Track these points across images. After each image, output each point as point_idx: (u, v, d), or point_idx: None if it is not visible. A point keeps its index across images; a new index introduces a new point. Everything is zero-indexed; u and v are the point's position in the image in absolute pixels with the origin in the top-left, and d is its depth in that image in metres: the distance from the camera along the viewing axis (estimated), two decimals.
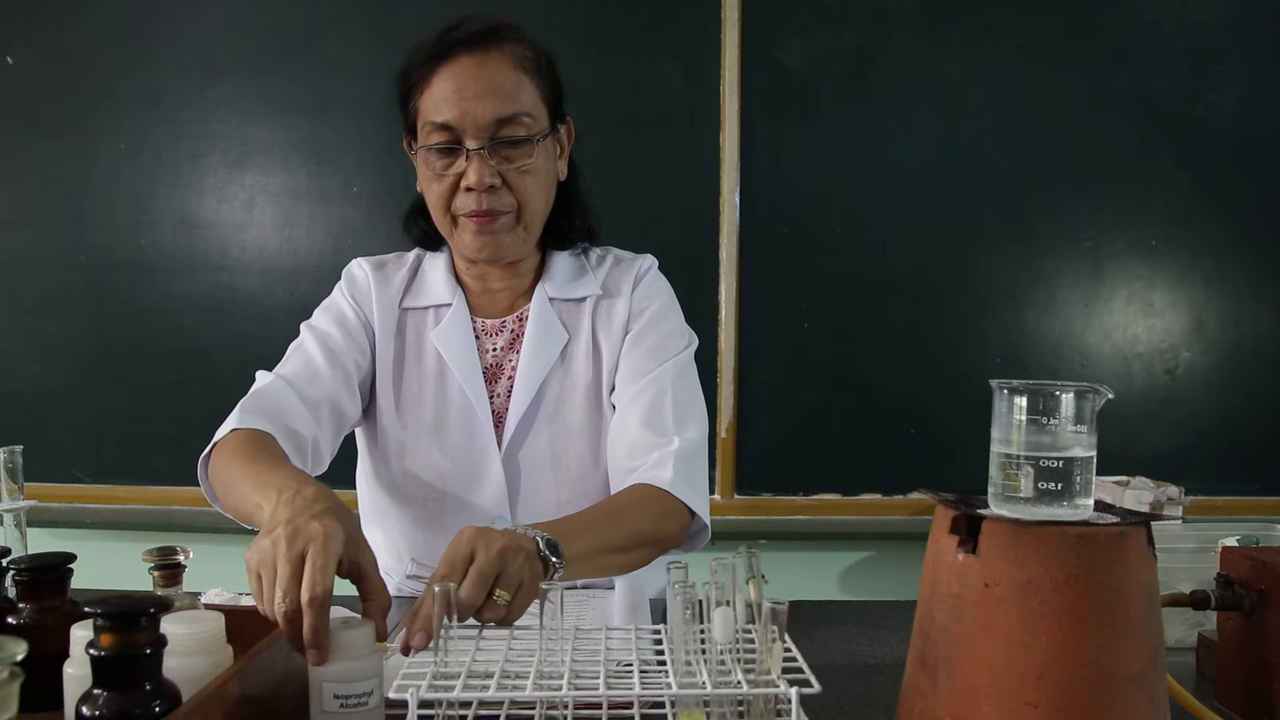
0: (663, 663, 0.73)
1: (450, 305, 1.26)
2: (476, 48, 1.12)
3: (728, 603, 0.71)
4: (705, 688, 0.67)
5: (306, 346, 1.23)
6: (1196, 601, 0.88)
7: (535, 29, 1.20)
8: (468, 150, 1.13)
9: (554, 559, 0.89)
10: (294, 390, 1.16)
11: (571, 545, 0.93)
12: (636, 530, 1.06)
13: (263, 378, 1.19)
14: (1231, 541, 1.04)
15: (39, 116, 2.13)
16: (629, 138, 2.09)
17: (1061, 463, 0.68)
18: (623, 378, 1.24)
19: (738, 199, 2.09)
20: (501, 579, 0.82)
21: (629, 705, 0.72)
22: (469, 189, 1.14)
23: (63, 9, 2.11)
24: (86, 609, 0.62)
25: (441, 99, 1.12)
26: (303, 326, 1.27)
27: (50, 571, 0.78)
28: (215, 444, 1.09)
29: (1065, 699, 0.65)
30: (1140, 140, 2.09)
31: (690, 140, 2.09)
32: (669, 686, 0.68)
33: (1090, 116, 2.09)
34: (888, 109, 2.10)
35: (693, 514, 1.13)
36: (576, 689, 0.68)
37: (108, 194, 2.13)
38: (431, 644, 0.72)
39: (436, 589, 0.72)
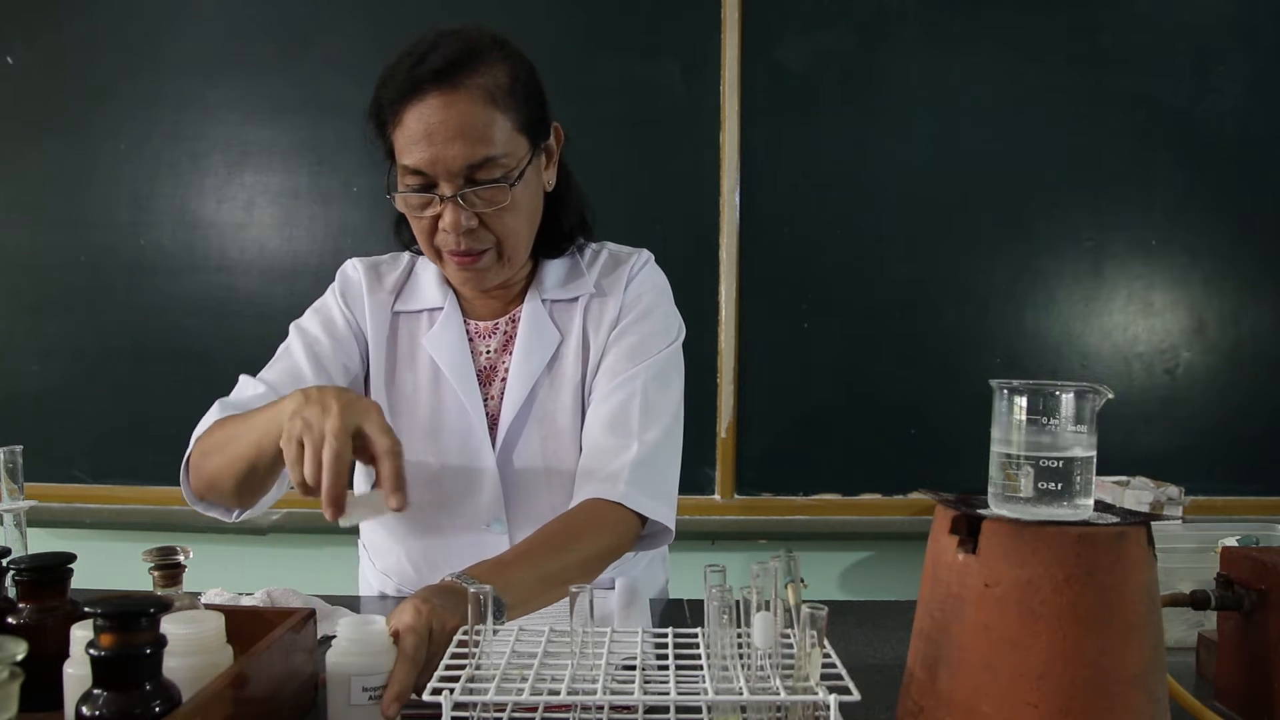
0: (682, 666, 0.73)
1: (442, 309, 1.26)
2: (444, 84, 1.07)
3: (766, 604, 0.71)
4: (742, 693, 0.67)
5: (292, 350, 1.22)
6: (1196, 601, 0.88)
7: (535, 29, 1.19)
8: (441, 196, 1.10)
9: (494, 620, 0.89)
10: (273, 392, 1.15)
11: (512, 593, 0.93)
12: (584, 557, 1.06)
13: (244, 383, 1.18)
14: (1231, 541, 1.04)
15: (39, 116, 2.13)
16: (629, 138, 2.09)
17: (1061, 463, 0.68)
18: (599, 377, 1.22)
19: (738, 199, 2.09)
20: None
21: (665, 710, 0.72)
22: (446, 231, 1.12)
23: (63, 9, 2.11)
24: (86, 609, 0.62)
25: (412, 141, 1.08)
26: (292, 327, 1.26)
27: (50, 571, 0.78)
28: (200, 435, 1.08)
29: (1065, 699, 0.65)
30: (1140, 140, 2.09)
31: (690, 140, 2.09)
32: (705, 691, 0.67)
33: (1090, 116, 2.09)
34: (888, 109, 2.10)
35: (636, 529, 1.13)
36: (612, 692, 0.68)
37: (108, 194, 2.13)
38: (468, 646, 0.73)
39: (471, 589, 0.73)
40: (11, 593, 0.79)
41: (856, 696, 0.65)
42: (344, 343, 1.23)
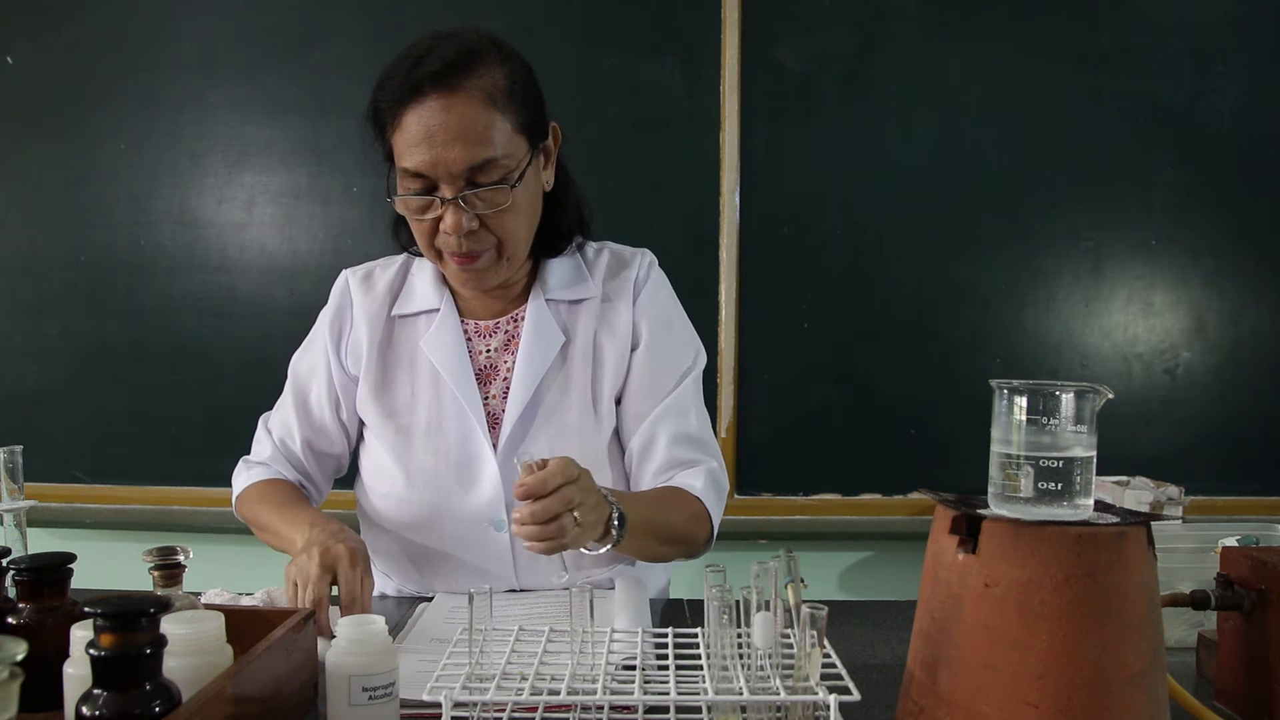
0: (682, 666, 0.73)
1: (438, 311, 1.26)
2: (443, 87, 1.07)
3: (766, 604, 0.71)
4: (742, 693, 0.67)
5: (285, 403, 1.32)
6: (1196, 601, 0.88)
7: (535, 29, 1.19)
8: (442, 199, 1.10)
9: (615, 532, 1.01)
10: (278, 450, 1.30)
11: (632, 519, 1.03)
12: (676, 525, 1.16)
13: (259, 440, 1.33)
14: (1231, 541, 1.04)
15: (39, 116, 2.13)
16: (629, 138, 2.09)
17: (1061, 463, 0.68)
18: (640, 393, 1.25)
19: (738, 199, 2.09)
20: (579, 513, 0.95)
21: (665, 710, 0.72)
22: (447, 233, 1.13)
23: (63, 9, 2.11)
24: (86, 609, 0.62)
25: (412, 144, 1.09)
26: (290, 368, 1.33)
27: (50, 571, 0.78)
28: (238, 496, 1.29)
29: (1065, 699, 0.65)
30: (1140, 140, 2.09)
31: (690, 140, 2.09)
32: (705, 691, 0.68)
33: (1090, 116, 2.09)
34: (888, 109, 2.10)
35: (707, 525, 1.22)
36: (612, 692, 0.68)
37: (107, 194, 2.12)
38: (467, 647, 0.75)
39: (472, 589, 0.76)
40: (11, 593, 0.79)
41: (856, 696, 0.65)
42: (328, 380, 1.29)
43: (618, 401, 1.27)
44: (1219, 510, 2.07)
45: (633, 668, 0.74)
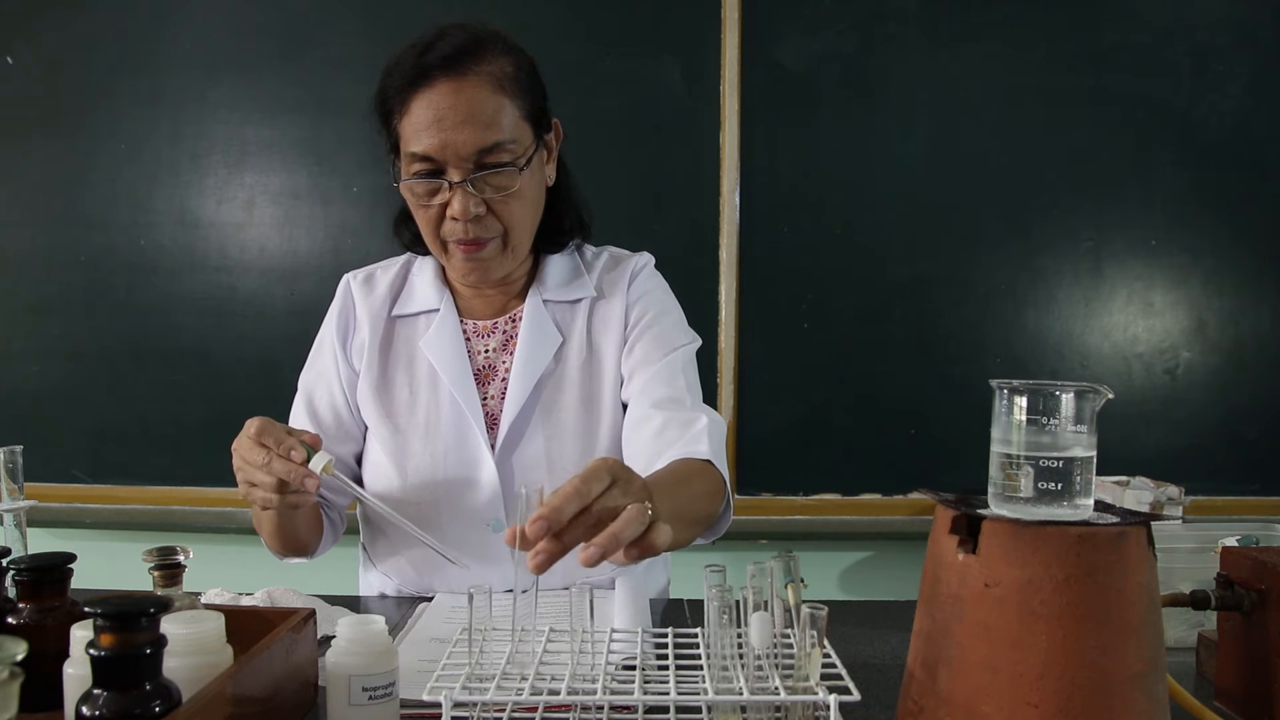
0: (682, 666, 0.73)
1: (438, 311, 1.26)
2: (453, 71, 1.09)
3: (765, 604, 0.71)
4: (742, 693, 0.67)
5: (297, 408, 1.29)
6: (1196, 601, 0.88)
7: (535, 29, 1.20)
8: (450, 182, 1.11)
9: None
10: None
11: (660, 509, 0.93)
12: (698, 505, 1.08)
13: None
14: (1231, 541, 1.04)
15: (39, 116, 2.13)
16: (629, 138, 2.09)
17: (1061, 463, 0.68)
18: (633, 368, 1.24)
19: (738, 199, 2.09)
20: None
21: (665, 710, 0.72)
22: (454, 218, 1.13)
23: (63, 9, 2.11)
24: (86, 609, 0.62)
25: (421, 128, 1.10)
26: (300, 383, 1.31)
27: (50, 571, 0.78)
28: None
29: (1065, 699, 0.65)
30: (1140, 140, 2.09)
31: (690, 140, 2.09)
32: (705, 692, 0.68)
33: (1090, 116, 2.09)
34: (888, 109, 2.10)
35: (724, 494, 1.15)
36: (612, 692, 0.68)
37: (108, 194, 2.12)
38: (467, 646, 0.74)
39: (470, 589, 0.74)
40: (11, 593, 0.79)
41: (856, 696, 0.65)
42: (338, 379, 1.28)
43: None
44: (1219, 510, 2.07)
45: (633, 668, 0.74)
